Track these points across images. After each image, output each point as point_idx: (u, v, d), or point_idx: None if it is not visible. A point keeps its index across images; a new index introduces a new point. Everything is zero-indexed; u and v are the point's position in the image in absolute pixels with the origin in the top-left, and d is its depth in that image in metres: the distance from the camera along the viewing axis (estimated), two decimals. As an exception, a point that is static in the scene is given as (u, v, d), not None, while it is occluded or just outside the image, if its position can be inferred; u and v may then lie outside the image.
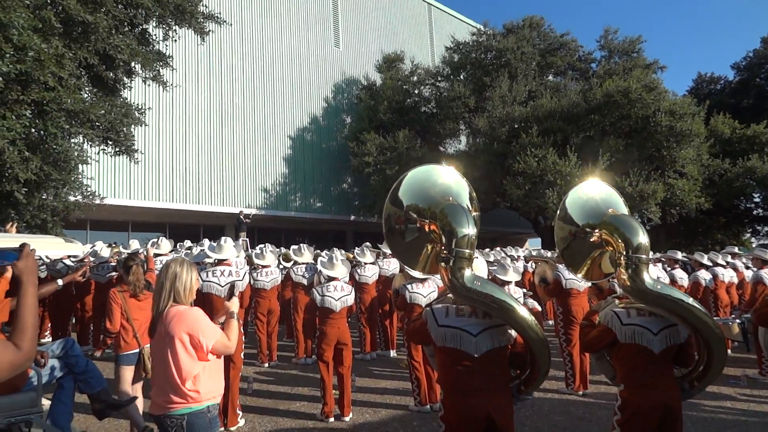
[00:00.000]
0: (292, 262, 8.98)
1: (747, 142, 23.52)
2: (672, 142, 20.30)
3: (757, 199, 26.78)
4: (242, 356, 5.71)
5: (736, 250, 10.39)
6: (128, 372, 4.60)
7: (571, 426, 5.46)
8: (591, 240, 3.35)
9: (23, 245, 1.96)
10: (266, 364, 8.21)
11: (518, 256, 11.45)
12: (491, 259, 9.94)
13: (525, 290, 8.49)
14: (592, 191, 3.52)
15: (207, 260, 7.93)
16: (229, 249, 6.04)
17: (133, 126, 11.10)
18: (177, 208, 19.85)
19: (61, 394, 4.30)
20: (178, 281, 2.93)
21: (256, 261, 8.63)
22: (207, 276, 5.64)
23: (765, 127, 23.35)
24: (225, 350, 2.97)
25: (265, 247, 9.48)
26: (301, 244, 9.13)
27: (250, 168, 22.26)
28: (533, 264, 10.31)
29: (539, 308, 9.20)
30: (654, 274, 9.09)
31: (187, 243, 11.82)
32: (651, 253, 10.58)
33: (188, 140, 20.36)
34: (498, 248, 13.24)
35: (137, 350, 4.64)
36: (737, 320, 7.18)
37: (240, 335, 5.71)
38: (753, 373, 7.42)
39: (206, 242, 10.26)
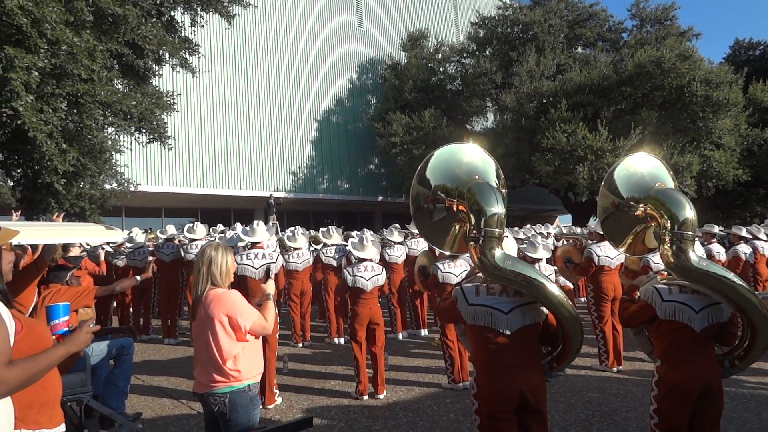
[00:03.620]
0: (321, 244, 9.11)
1: (789, 109, 22.56)
2: (708, 113, 19.60)
3: (798, 169, 25.72)
4: (277, 337, 5.87)
5: (776, 222, 10.06)
6: None
7: (605, 402, 5.46)
8: (635, 214, 3.30)
9: (90, 329, 2.28)
10: (300, 344, 8.42)
11: (549, 234, 11.35)
12: (521, 236, 9.89)
13: (556, 268, 8.45)
14: (641, 164, 3.43)
15: (240, 244, 8.11)
16: (262, 232, 6.16)
17: (164, 113, 11.33)
18: (208, 193, 20.24)
19: (113, 376, 4.51)
20: (214, 265, 3.03)
21: (288, 243, 8.79)
22: (241, 259, 5.78)
23: (808, 93, 22.37)
24: (262, 331, 3.07)
25: (296, 229, 9.62)
26: (330, 227, 9.25)
27: (277, 151, 22.48)
28: (564, 241, 10.20)
29: (571, 286, 9.16)
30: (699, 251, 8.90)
31: (220, 227, 12.08)
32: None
33: (217, 126, 20.64)
34: (528, 226, 13.14)
35: None
36: (777, 294, 7.00)
37: (275, 316, 5.87)
38: (794, 348, 7.25)
39: (238, 226, 10.48)
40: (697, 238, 9.53)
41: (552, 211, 31.92)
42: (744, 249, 8.83)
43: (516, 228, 11.90)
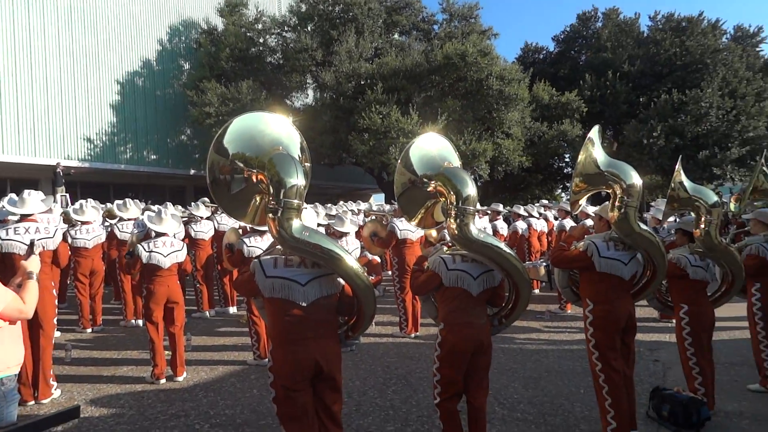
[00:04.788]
0: (117, 219, 8.25)
1: (561, 108, 26.44)
2: (501, 105, 22.07)
3: (567, 159, 30.55)
4: (56, 322, 5.18)
5: (545, 202, 11.81)
6: None
7: (402, 365, 5.87)
8: (427, 190, 3.50)
9: None
10: (89, 330, 7.57)
11: (359, 210, 11.81)
12: (334, 212, 10.10)
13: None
14: (432, 143, 3.64)
15: (12, 217, 6.96)
16: (34, 203, 5.32)
17: None
18: (-25, 158, 16.95)
19: None
20: None
21: (74, 217, 7.79)
22: (7, 234, 4.96)
23: (575, 95, 26.45)
24: (19, 315, 2.64)
25: (86, 202, 8.54)
26: (127, 199, 8.40)
27: (69, 114, 19.62)
28: (372, 217, 10.69)
29: (378, 260, 9.60)
30: (481, 225, 9.92)
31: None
32: (479, 205, 11.56)
33: (-13, 78, 17.28)
34: (341, 202, 13.50)
35: None
36: (544, 263, 8.23)
37: (52, 298, 5.14)
38: (554, 308, 8.62)
39: (13, 196, 8.94)
40: (486, 215, 10.68)
41: (367, 190, 33.24)
42: (521, 225, 10.20)
43: (329, 205, 12.14)
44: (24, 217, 5.19)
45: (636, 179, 3.68)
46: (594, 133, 3.83)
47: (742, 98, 24.51)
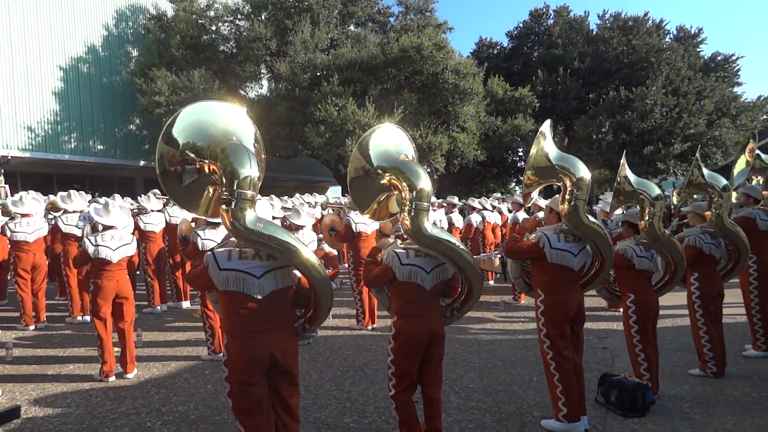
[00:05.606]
0: (61, 211, 7.90)
1: (515, 103, 26.95)
2: (456, 99, 22.30)
3: (521, 153, 31.18)
4: (-6, 319, 4.93)
5: (499, 195, 12.05)
6: None
7: (359, 357, 5.89)
8: (381, 182, 3.50)
9: None
10: (32, 327, 7.24)
11: (316, 203, 11.72)
12: (290, 205, 9.99)
13: (321, 235, 8.69)
14: (390, 135, 3.63)
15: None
16: (-30, 195, 5.03)
17: None
18: None
19: None
20: None
21: (13, 209, 7.41)
22: (-61, 228, 4.65)
23: (528, 90, 27.01)
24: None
25: (26, 194, 8.13)
26: (71, 191, 8.05)
27: (7, 101, 18.56)
28: (329, 210, 10.64)
29: (335, 252, 9.57)
30: (437, 218, 9.98)
31: None
32: (434, 198, 11.65)
33: None
34: (297, 195, 13.37)
35: None
36: (498, 255, 8.39)
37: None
38: (508, 299, 8.82)
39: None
40: (441, 207, 10.80)
41: (324, 182, 33.01)
42: (475, 218, 10.37)
43: (285, 197, 12.01)
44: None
45: (585, 173, 3.79)
46: (546, 127, 3.92)
47: (684, 96, 25.60)
